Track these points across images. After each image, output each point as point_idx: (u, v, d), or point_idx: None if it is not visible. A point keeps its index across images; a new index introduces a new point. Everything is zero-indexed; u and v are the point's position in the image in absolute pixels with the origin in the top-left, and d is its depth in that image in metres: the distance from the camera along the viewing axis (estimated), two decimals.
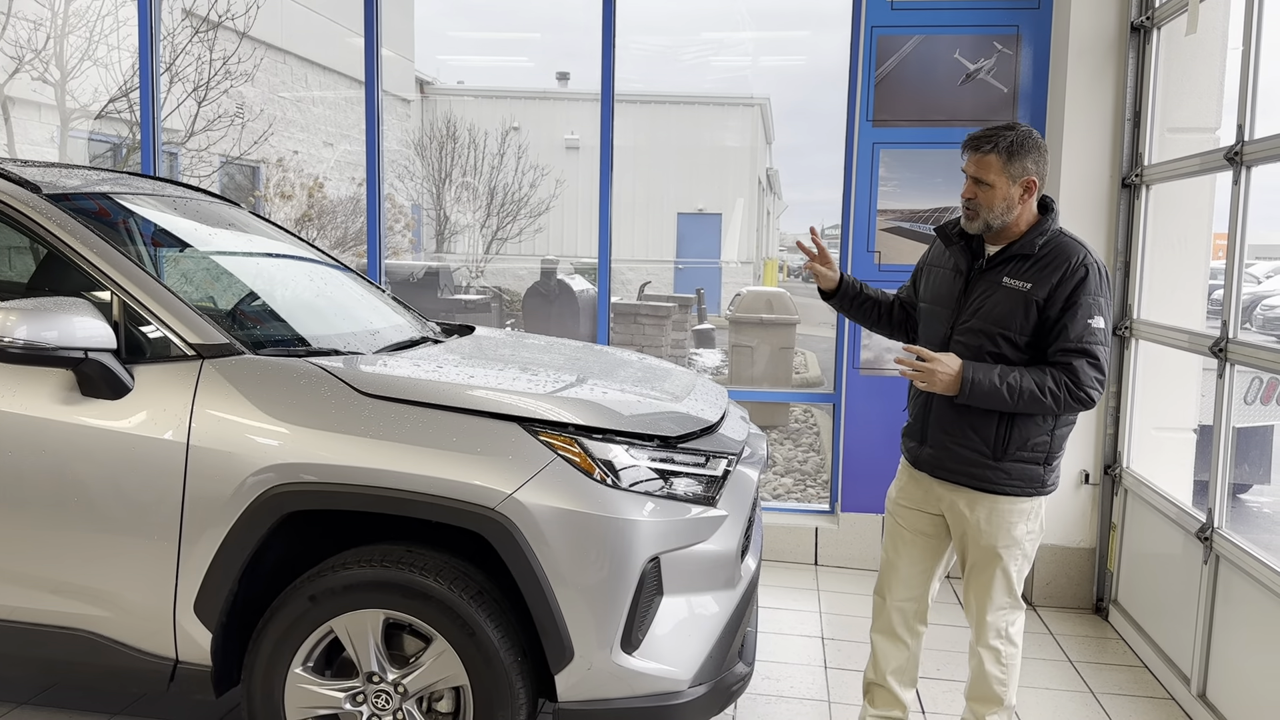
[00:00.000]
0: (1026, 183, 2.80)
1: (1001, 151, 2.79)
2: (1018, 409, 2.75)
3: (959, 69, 4.91)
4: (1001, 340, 2.80)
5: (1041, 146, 2.84)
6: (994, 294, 2.84)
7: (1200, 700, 3.55)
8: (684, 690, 2.65)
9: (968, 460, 2.87)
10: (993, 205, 2.82)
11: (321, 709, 2.71)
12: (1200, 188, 4.34)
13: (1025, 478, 2.85)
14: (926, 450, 2.97)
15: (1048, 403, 2.72)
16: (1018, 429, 2.81)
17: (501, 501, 2.53)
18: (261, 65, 13.70)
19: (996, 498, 2.87)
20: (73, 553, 2.72)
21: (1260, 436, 6.99)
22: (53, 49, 11.21)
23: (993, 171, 2.80)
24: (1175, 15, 4.19)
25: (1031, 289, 2.77)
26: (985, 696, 3.05)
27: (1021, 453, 2.83)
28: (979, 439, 2.84)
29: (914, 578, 3.11)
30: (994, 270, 2.87)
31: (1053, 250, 2.81)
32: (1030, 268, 2.80)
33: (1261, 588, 3.19)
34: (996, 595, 2.95)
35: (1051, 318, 2.76)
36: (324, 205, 14.32)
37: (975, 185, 2.84)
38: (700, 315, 13.59)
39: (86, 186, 3.25)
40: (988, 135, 2.83)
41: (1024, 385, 2.71)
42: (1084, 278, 2.74)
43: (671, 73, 20.10)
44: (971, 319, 2.87)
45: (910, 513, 3.09)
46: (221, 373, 2.71)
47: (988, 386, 2.72)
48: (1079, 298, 2.73)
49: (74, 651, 2.77)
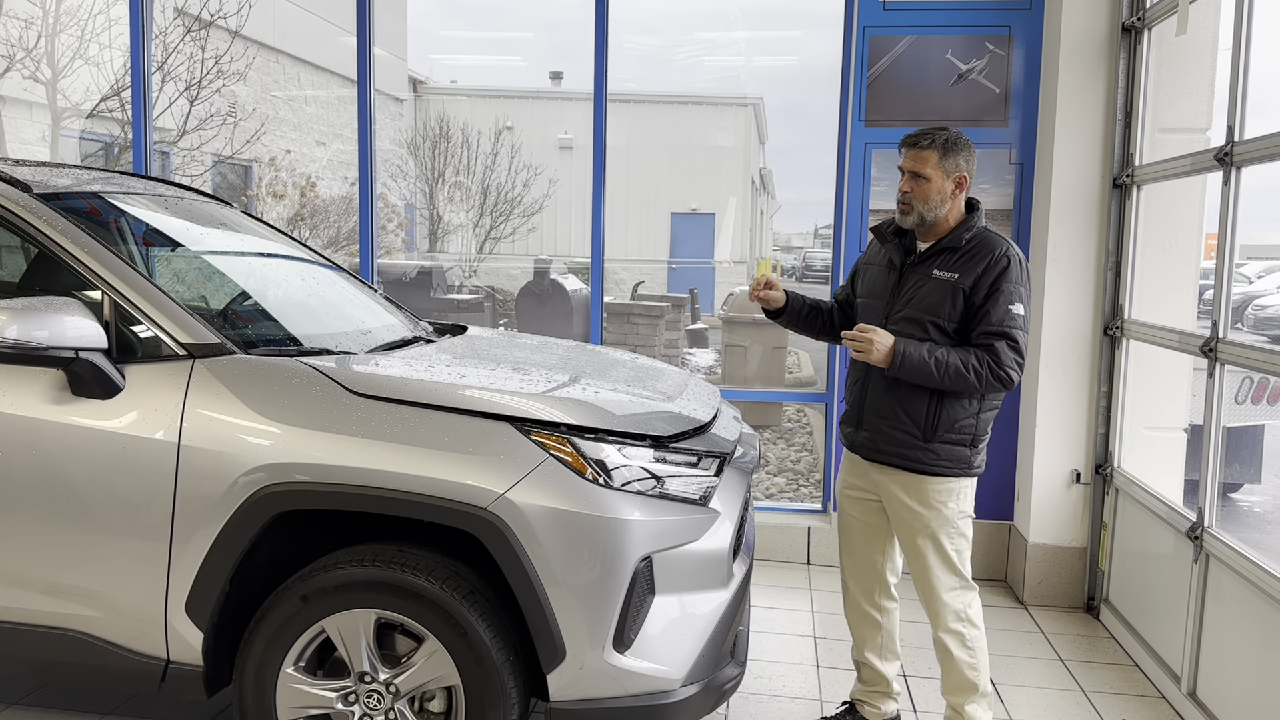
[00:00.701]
0: (959, 178, 3.00)
1: (938, 147, 2.98)
2: (943, 384, 2.90)
3: (951, 69, 4.92)
4: (932, 327, 2.98)
5: (972, 148, 3.05)
6: (925, 285, 3.01)
7: (1190, 699, 3.57)
8: (676, 689, 2.65)
9: (899, 441, 3.03)
10: (928, 198, 3.00)
11: (313, 709, 2.71)
12: (1191, 188, 4.36)
13: (953, 458, 3.01)
14: (862, 434, 3.14)
15: (971, 379, 2.89)
16: (945, 411, 2.98)
17: (494, 501, 2.53)
18: (254, 64, 13.67)
19: (926, 478, 3.03)
20: (64, 553, 2.72)
21: (1250, 436, 7.01)
22: (44, 47, 11.17)
23: (929, 165, 2.98)
24: (1166, 16, 4.20)
25: (959, 278, 2.96)
26: (960, 685, 3.12)
27: (949, 434, 3.00)
28: (910, 420, 3.01)
29: (866, 560, 3.30)
30: (925, 263, 3.05)
31: (978, 243, 2.99)
32: (958, 259, 2.99)
33: (1251, 587, 3.20)
34: (942, 575, 3.07)
35: (976, 304, 2.94)
36: (316, 204, 14.28)
37: (912, 179, 3.01)
38: (694, 315, 13.58)
39: (78, 186, 3.24)
40: (924, 132, 3.02)
41: (950, 361, 2.89)
42: (1006, 267, 2.93)
43: (664, 72, 20.07)
44: (905, 308, 3.04)
45: (854, 500, 3.28)
46: (213, 372, 2.71)
47: (916, 359, 2.89)
48: (1001, 285, 2.92)
49: (65, 652, 2.76)
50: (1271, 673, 3.09)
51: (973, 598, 3.11)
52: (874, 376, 3.07)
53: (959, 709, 3.13)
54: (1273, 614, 3.07)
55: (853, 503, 3.29)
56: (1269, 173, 3.50)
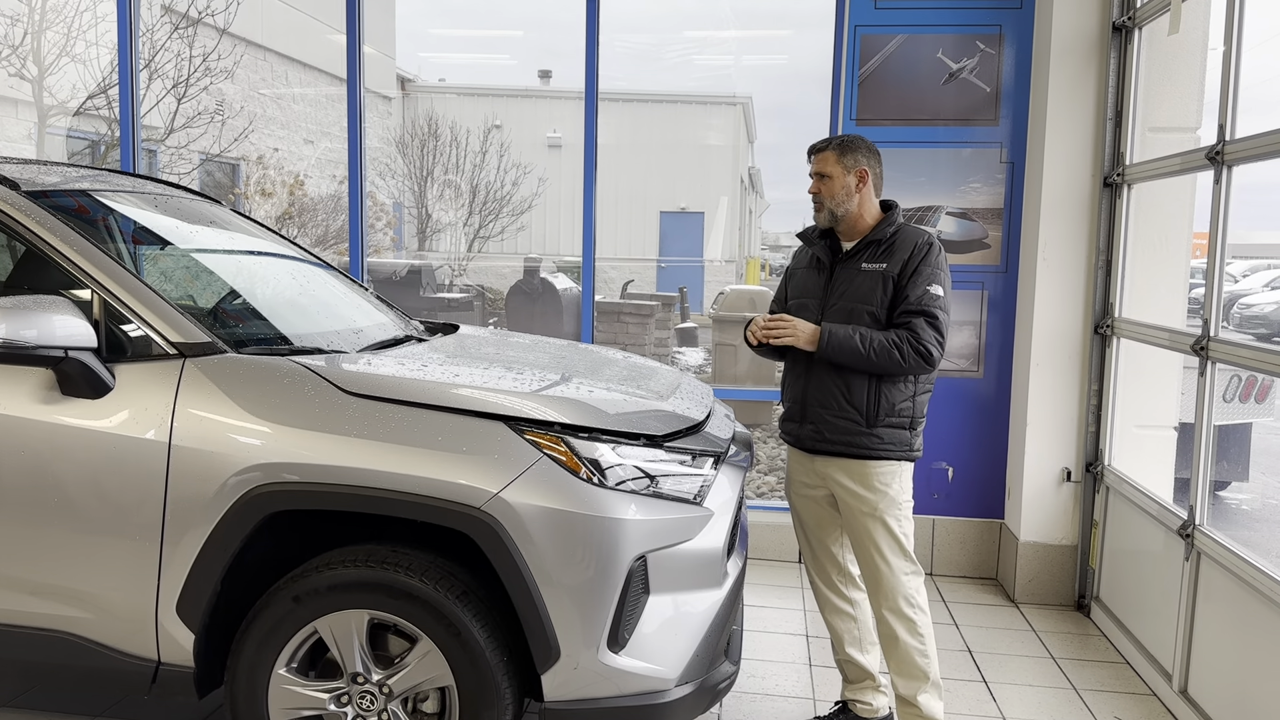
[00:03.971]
0: (860, 172, 3.19)
1: (834, 147, 3.21)
2: (870, 359, 3.04)
3: (942, 68, 4.92)
4: (866, 315, 3.13)
5: (872, 147, 3.25)
6: (856, 277, 3.19)
7: (1182, 696, 3.58)
8: (670, 689, 2.64)
9: (844, 430, 3.15)
10: (834, 194, 3.20)
11: (306, 710, 2.69)
12: (1181, 187, 4.37)
13: (895, 441, 3.15)
14: (807, 428, 3.24)
15: (896, 356, 3.03)
16: (884, 395, 3.12)
17: (487, 501, 2.52)
18: (241, 62, 13.62)
19: (870, 462, 3.15)
20: (53, 553, 2.69)
21: (1239, 434, 7.05)
22: (30, 45, 11.10)
23: (829, 164, 3.20)
24: (1157, 15, 4.22)
25: (886, 267, 3.14)
26: (911, 673, 3.18)
27: (890, 418, 3.13)
28: (852, 408, 3.14)
29: (826, 552, 3.39)
30: (853, 259, 3.22)
31: (901, 235, 3.19)
32: (884, 251, 3.18)
33: (1242, 584, 3.21)
34: (892, 558, 3.16)
35: (901, 287, 3.11)
36: (305, 203, 14.23)
37: (818, 180, 3.23)
38: (683, 314, 13.59)
39: (66, 183, 3.21)
40: (823, 139, 3.28)
41: (874, 337, 3.05)
42: (926, 253, 3.12)
43: (654, 71, 20.10)
44: (839, 301, 3.20)
45: (805, 498, 3.37)
46: (204, 371, 2.69)
47: (842, 335, 3.06)
48: (921, 268, 3.10)
49: (54, 653, 2.73)
50: (1262, 670, 3.11)
51: (919, 582, 3.21)
52: (814, 370, 3.18)
53: (911, 699, 3.18)
54: (1263, 611, 3.09)
55: (804, 500, 3.37)
56: (1255, 172, 3.52)
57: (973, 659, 4.08)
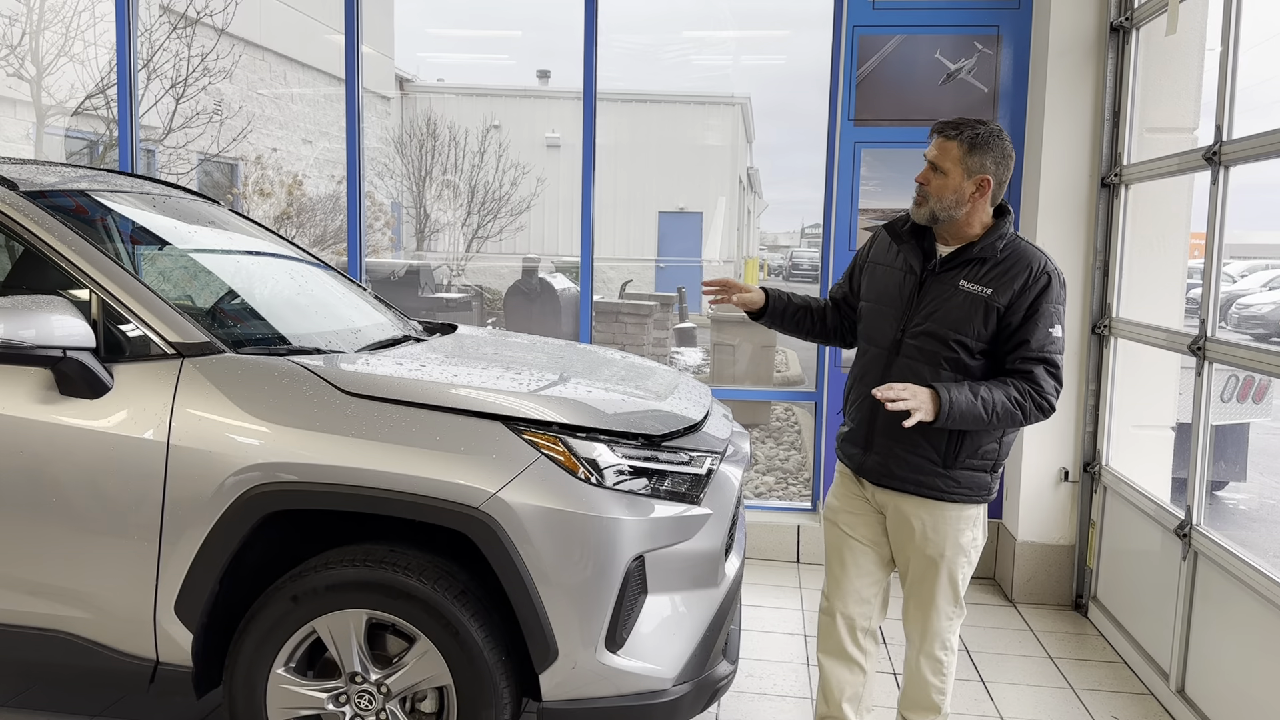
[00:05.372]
0: (980, 180, 2.70)
1: (964, 141, 2.69)
2: (993, 424, 2.67)
3: (940, 69, 4.93)
4: (956, 345, 2.71)
5: (1008, 151, 2.74)
6: (951, 297, 2.73)
7: (1179, 695, 3.59)
8: (668, 689, 2.65)
9: (917, 468, 2.77)
10: (942, 195, 2.71)
11: (304, 710, 2.69)
12: (1178, 187, 4.38)
13: (974, 485, 2.79)
14: (872, 457, 2.85)
15: (1018, 415, 2.66)
16: (970, 437, 2.73)
17: (485, 501, 2.52)
18: (240, 62, 13.61)
19: (944, 504, 2.79)
20: (51, 553, 2.69)
21: (1236, 434, 7.06)
22: (28, 44, 11.10)
23: (949, 158, 2.70)
24: (1155, 16, 4.22)
25: (993, 294, 2.69)
26: (922, 705, 2.96)
27: (972, 460, 2.76)
28: (929, 446, 2.75)
29: (865, 588, 2.98)
30: (949, 272, 2.77)
31: (1013, 255, 2.73)
32: (989, 272, 2.72)
33: (1239, 584, 3.22)
34: (943, 604, 2.86)
35: (1012, 325, 2.69)
36: (303, 203, 14.23)
37: (931, 170, 2.73)
38: (681, 314, 13.59)
39: (64, 183, 3.21)
40: (957, 122, 2.74)
41: (996, 398, 2.64)
42: (1046, 285, 2.69)
43: (652, 71, 20.10)
44: (926, 321, 2.76)
45: (855, 519, 2.98)
46: (202, 371, 2.69)
47: (964, 404, 2.61)
48: (1041, 306, 2.68)
49: (52, 653, 2.74)
50: (1259, 669, 3.11)
51: (958, 624, 2.94)
52: None
53: None
54: (1261, 611, 3.09)
55: (853, 523, 2.97)
56: (1253, 172, 3.52)
57: (970, 658, 4.08)
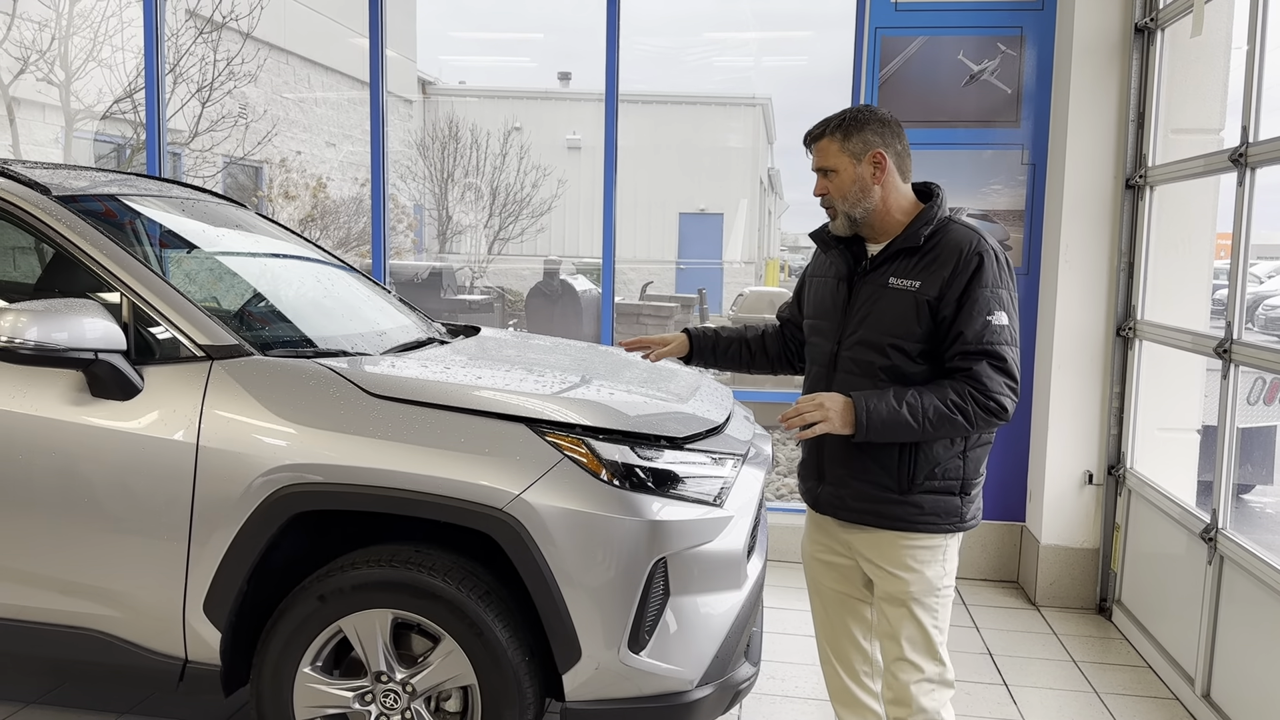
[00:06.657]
0: (874, 157, 2.46)
1: (834, 132, 2.48)
2: (926, 434, 2.37)
3: (963, 70, 4.91)
4: (893, 351, 2.44)
5: (885, 119, 2.49)
6: (881, 298, 2.47)
7: (1205, 700, 3.56)
8: (691, 690, 2.66)
9: (871, 497, 2.49)
10: (845, 193, 2.48)
11: (330, 708, 2.72)
12: (1204, 189, 4.35)
13: (940, 511, 2.47)
14: (826, 489, 2.60)
15: (960, 421, 2.34)
16: (923, 454, 2.43)
17: (509, 502, 2.54)
18: (265, 66, 13.72)
19: (904, 535, 2.49)
20: (82, 553, 2.74)
21: (1263, 437, 7.00)
22: (57, 50, 11.23)
23: (831, 156, 2.48)
24: (1180, 16, 4.19)
25: (920, 287, 2.41)
26: None
27: (931, 482, 2.45)
28: (880, 470, 2.47)
29: (846, 635, 2.77)
30: (878, 271, 2.50)
31: (942, 241, 2.44)
32: (918, 263, 2.44)
33: (1266, 588, 3.19)
34: (911, 654, 2.52)
35: (947, 318, 2.39)
36: (327, 205, 14.34)
37: (823, 179, 2.51)
38: (702, 315, 13.58)
39: (94, 188, 3.26)
40: (820, 123, 2.53)
41: (926, 404, 2.34)
42: (978, 268, 2.37)
43: (674, 73, 20.10)
44: (859, 329, 2.50)
45: (825, 570, 2.75)
46: (231, 374, 2.72)
47: (885, 414, 2.34)
48: (974, 291, 2.37)
49: (84, 651, 2.78)
50: None
51: (947, 698, 2.54)
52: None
53: None
54: None
55: (824, 568, 2.75)
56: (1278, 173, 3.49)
57: (993, 662, 4.07)
